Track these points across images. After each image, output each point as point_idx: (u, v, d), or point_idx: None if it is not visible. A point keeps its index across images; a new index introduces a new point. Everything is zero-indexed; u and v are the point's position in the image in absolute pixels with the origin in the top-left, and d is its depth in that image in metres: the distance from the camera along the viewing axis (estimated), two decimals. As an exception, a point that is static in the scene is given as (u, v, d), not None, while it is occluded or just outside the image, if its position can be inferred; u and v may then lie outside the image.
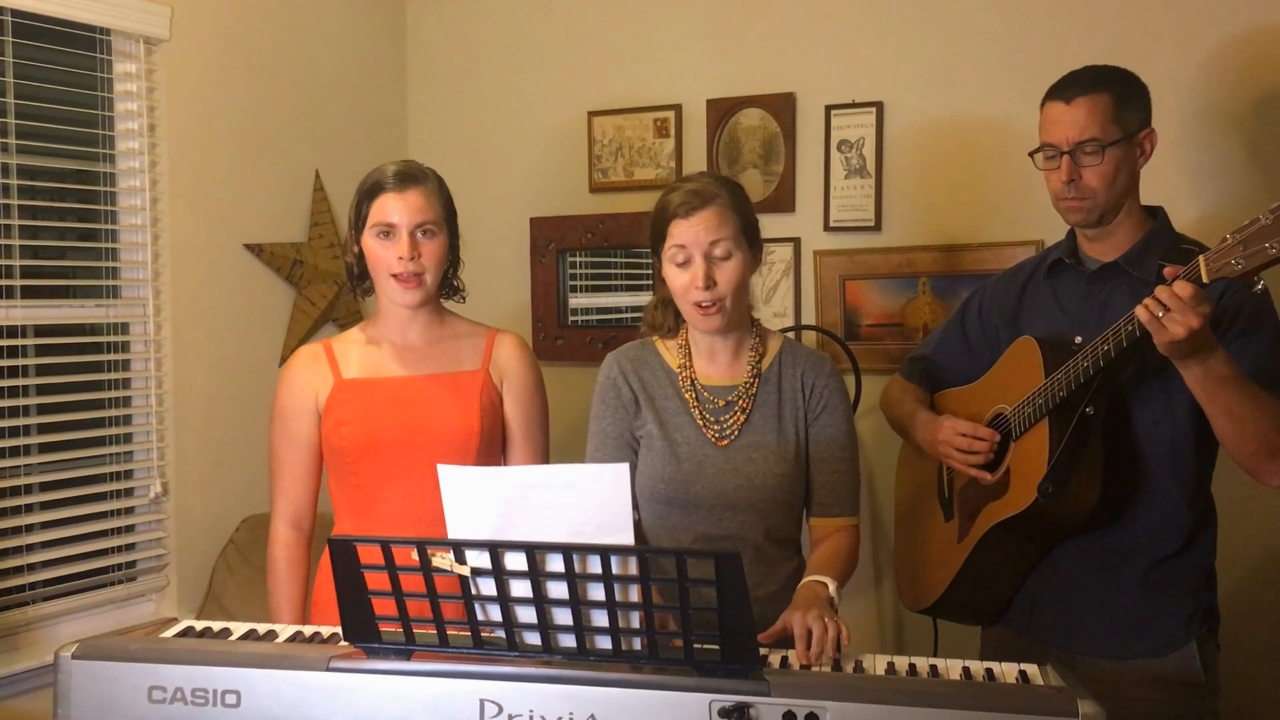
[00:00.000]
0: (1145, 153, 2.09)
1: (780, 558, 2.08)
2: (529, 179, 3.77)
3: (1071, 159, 2.05)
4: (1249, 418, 1.88)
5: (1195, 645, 2.06)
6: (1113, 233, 2.11)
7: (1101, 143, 2.03)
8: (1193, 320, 1.74)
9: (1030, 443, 2.07)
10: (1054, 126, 2.08)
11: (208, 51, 3.19)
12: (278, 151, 3.42)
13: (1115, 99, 2.04)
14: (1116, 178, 2.05)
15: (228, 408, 3.24)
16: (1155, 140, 2.10)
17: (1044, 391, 2.03)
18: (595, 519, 1.51)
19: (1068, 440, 1.98)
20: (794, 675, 1.56)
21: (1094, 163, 2.04)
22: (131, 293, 3.05)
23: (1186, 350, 1.80)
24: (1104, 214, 2.08)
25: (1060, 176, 2.07)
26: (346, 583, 1.52)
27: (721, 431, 2.06)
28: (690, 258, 1.98)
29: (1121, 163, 2.05)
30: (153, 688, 1.57)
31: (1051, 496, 1.98)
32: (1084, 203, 2.07)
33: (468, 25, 3.85)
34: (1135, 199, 2.12)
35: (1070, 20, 3.03)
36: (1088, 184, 2.05)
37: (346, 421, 2.19)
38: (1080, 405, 1.98)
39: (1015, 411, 2.12)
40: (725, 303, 2.00)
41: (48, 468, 2.87)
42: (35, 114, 2.82)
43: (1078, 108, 2.04)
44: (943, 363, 2.43)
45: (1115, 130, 2.04)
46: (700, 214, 1.97)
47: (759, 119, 3.41)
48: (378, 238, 2.16)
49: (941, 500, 2.37)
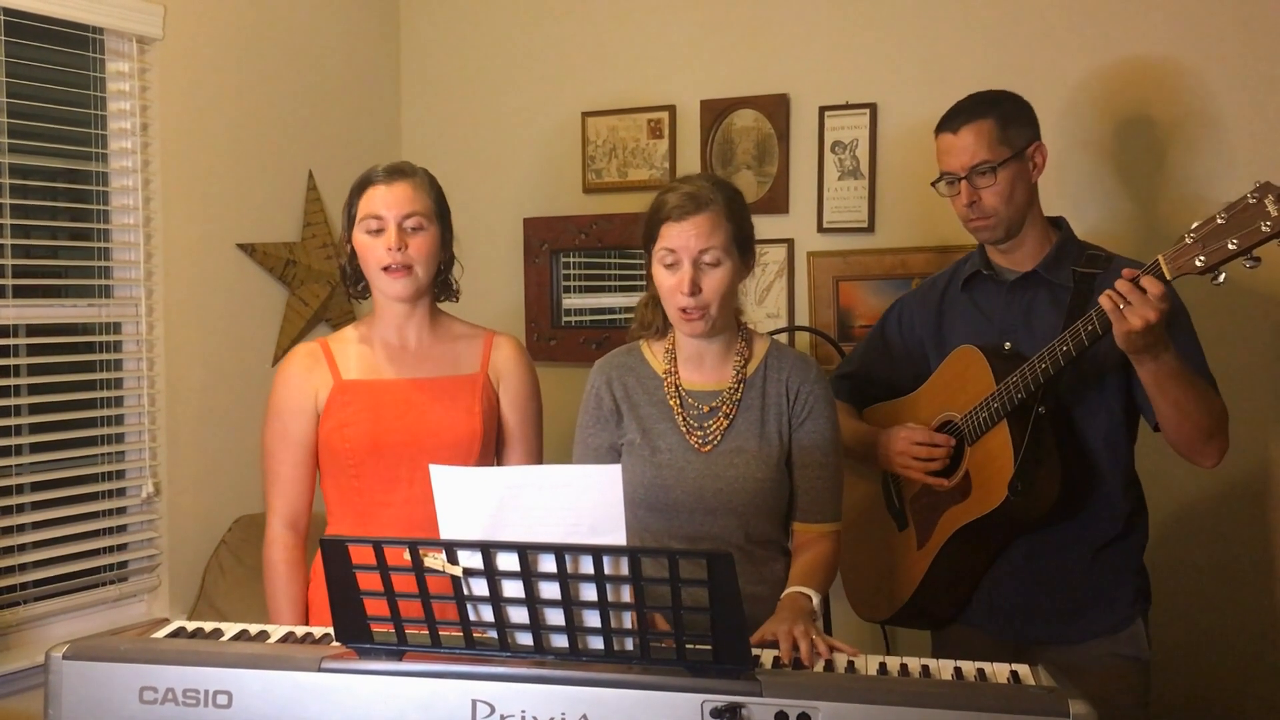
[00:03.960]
0: (1038, 165, 2.22)
1: (764, 558, 2.08)
2: (523, 179, 3.77)
3: (968, 183, 2.19)
4: (1192, 407, 2.02)
5: (1141, 622, 2.22)
6: (1022, 244, 2.25)
7: (992, 163, 2.17)
8: (1150, 314, 1.85)
9: (991, 445, 2.16)
10: (946, 156, 2.23)
11: (201, 51, 3.19)
12: (271, 151, 3.42)
13: (998, 121, 2.18)
14: (1013, 194, 2.19)
15: (220, 408, 3.24)
16: (1045, 153, 2.24)
17: (999, 396, 2.12)
18: (588, 520, 1.51)
19: (1029, 439, 2.09)
20: (786, 675, 1.56)
21: (988, 183, 2.18)
22: (124, 292, 3.04)
23: (1141, 344, 1.91)
24: (1009, 228, 2.22)
25: (961, 201, 2.21)
26: (338, 583, 1.52)
27: (704, 437, 2.06)
28: (679, 261, 1.98)
29: (1015, 179, 2.18)
30: (144, 688, 1.57)
31: (1021, 493, 2.08)
32: (988, 220, 2.20)
33: (462, 25, 3.85)
34: (1037, 211, 2.26)
35: (1063, 22, 3.04)
36: (987, 203, 2.19)
37: (349, 423, 2.17)
38: (1033, 406, 2.10)
39: (967, 418, 2.21)
40: (710, 310, 1.99)
41: (39, 467, 2.86)
42: (28, 113, 2.82)
43: (964, 135, 2.19)
44: (869, 377, 2.52)
45: (1003, 150, 2.18)
46: (693, 220, 1.97)
47: (753, 120, 3.41)
48: (367, 232, 2.16)
49: (892, 511, 2.44)
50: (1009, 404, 2.10)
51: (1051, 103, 2.80)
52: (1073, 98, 3.00)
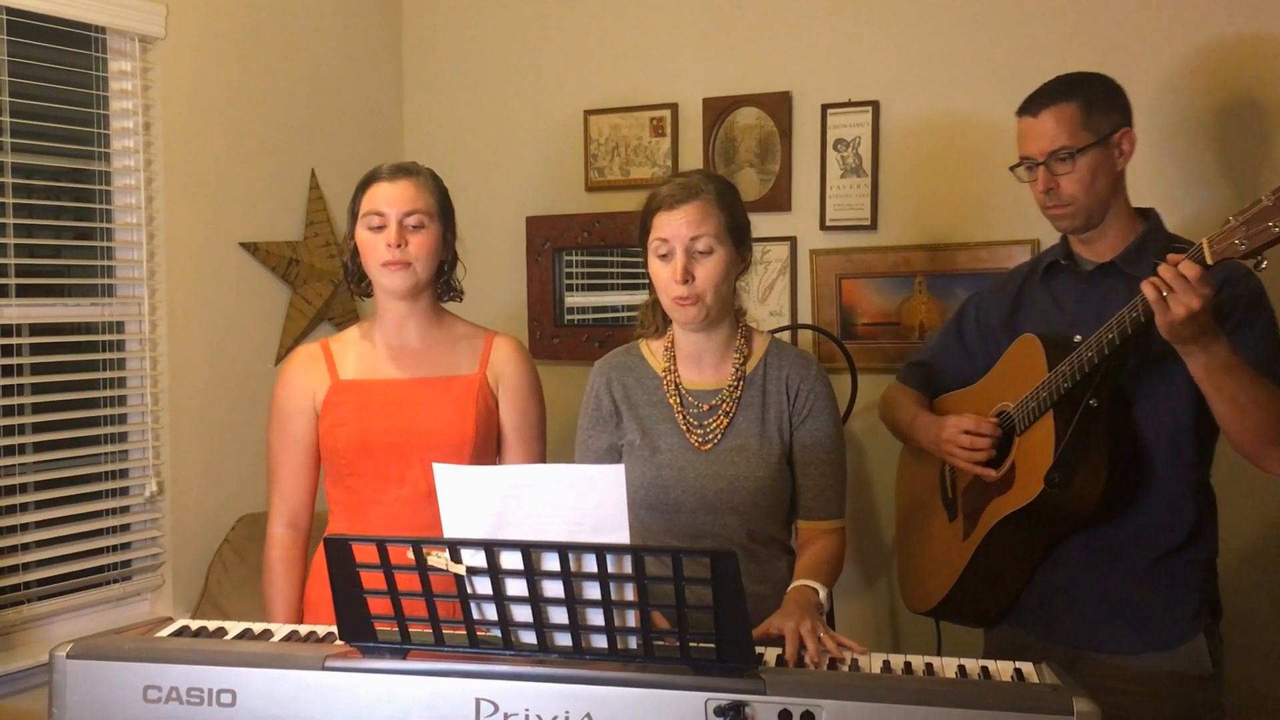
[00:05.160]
0: (1125, 153, 2.12)
1: (767, 556, 2.08)
2: (525, 178, 3.76)
3: (1046, 169, 2.10)
4: (1251, 405, 1.90)
5: (1203, 638, 2.07)
6: (1104, 234, 2.15)
7: (1071, 150, 2.07)
8: (1193, 301, 1.76)
9: (1035, 435, 2.08)
10: (1026, 140, 2.14)
11: (203, 50, 3.19)
12: (273, 150, 3.42)
13: (1083, 105, 2.08)
14: (1094, 182, 2.08)
15: (223, 407, 3.24)
16: (1134, 140, 2.12)
17: (1048, 385, 2.05)
18: (591, 518, 1.51)
19: (1073, 431, 1.99)
20: (790, 674, 1.56)
21: (1067, 170, 2.08)
22: (126, 291, 3.04)
23: (1188, 334, 1.82)
24: (1089, 217, 2.12)
25: (1039, 187, 2.12)
26: (342, 582, 1.52)
27: (705, 435, 2.06)
28: (671, 250, 1.99)
29: (1097, 167, 2.08)
30: (148, 687, 1.57)
31: (1058, 486, 1.99)
32: (1066, 209, 2.11)
33: (464, 24, 3.84)
34: (1122, 200, 2.15)
35: (1066, 19, 3.03)
36: (1065, 191, 2.09)
37: (342, 423, 2.19)
38: (1084, 397, 2.00)
39: (1019, 407, 2.13)
40: (705, 298, 1.99)
41: (43, 467, 2.86)
42: (30, 112, 2.82)
43: (1044, 120, 2.09)
44: (940, 367, 2.44)
45: (1085, 136, 2.07)
46: (684, 207, 1.98)
47: (755, 118, 3.41)
48: (369, 229, 2.17)
49: (945, 501, 2.37)
50: (1056, 393, 2.02)
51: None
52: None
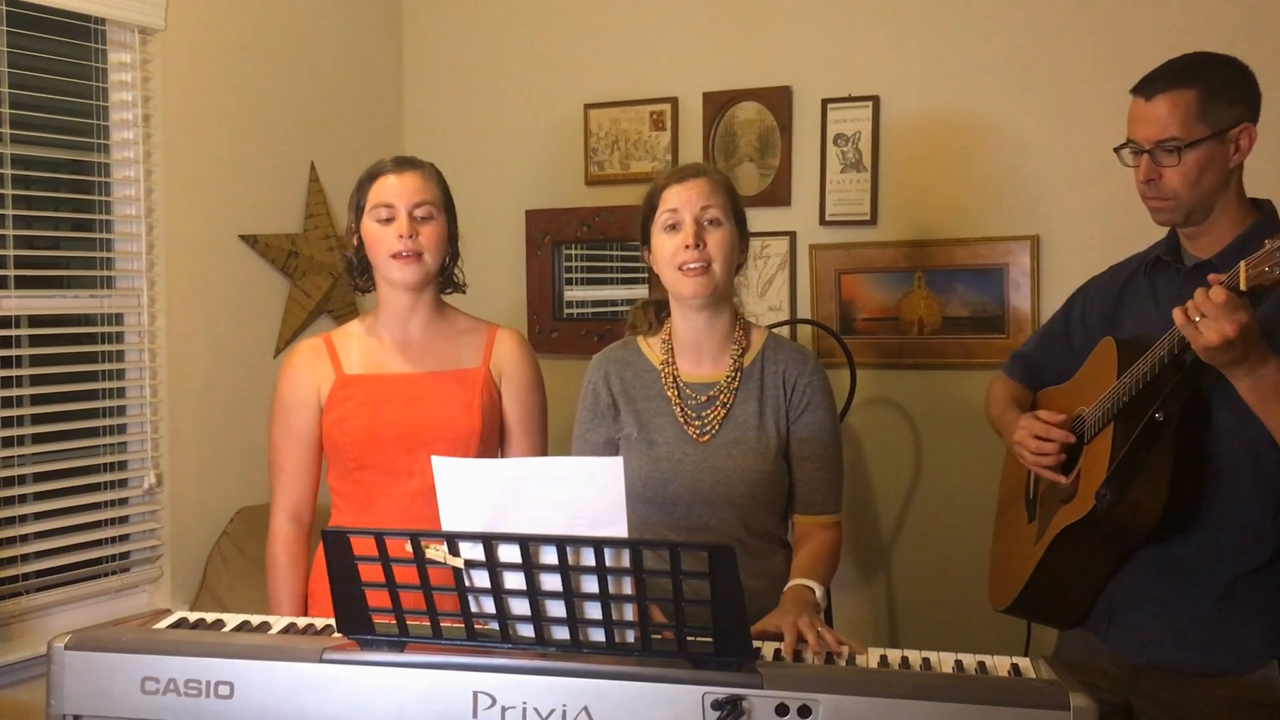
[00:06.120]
0: (1241, 149, 1.94)
1: (764, 551, 2.08)
2: (525, 171, 3.76)
3: (1151, 158, 1.94)
4: None
5: (1277, 665, 1.94)
6: (1210, 229, 1.99)
7: (1181, 142, 1.90)
8: (1227, 327, 1.67)
9: (1097, 447, 2.00)
10: (1135, 124, 1.97)
11: (203, 42, 3.18)
12: (273, 143, 3.42)
13: (1202, 94, 1.90)
14: (1201, 178, 1.92)
15: (222, 399, 3.24)
16: (1254, 136, 1.94)
17: (1113, 395, 1.96)
18: (589, 512, 1.51)
19: (1131, 446, 1.89)
20: (787, 668, 1.56)
21: (1172, 163, 1.92)
22: (126, 283, 3.04)
23: (1227, 358, 1.73)
24: (1190, 214, 1.97)
25: (1140, 176, 1.97)
26: (340, 574, 1.52)
27: (702, 428, 2.06)
28: (680, 220, 2.03)
29: (1207, 163, 1.91)
30: (146, 679, 1.57)
31: (1109, 503, 1.89)
32: (1166, 203, 1.96)
33: (464, 17, 3.84)
34: (1234, 194, 1.98)
35: (1066, 12, 3.03)
36: (1168, 184, 1.94)
37: (348, 417, 2.19)
38: (1148, 411, 1.88)
39: (1091, 413, 2.04)
40: (714, 266, 2.01)
41: (41, 458, 2.86)
42: (30, 103, 2.81)
43: (1158, 105, 1.92)
44: (1042, 360, 2.34)
45: (1200, 128, 1.90)
46: (694, 180, 2.05)
47: (755, 112, 3.40)
48: (377, 221, 2.17)
49: (1027, 501, 2.31)
50: (1119, 404, 1.92)
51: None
52: None
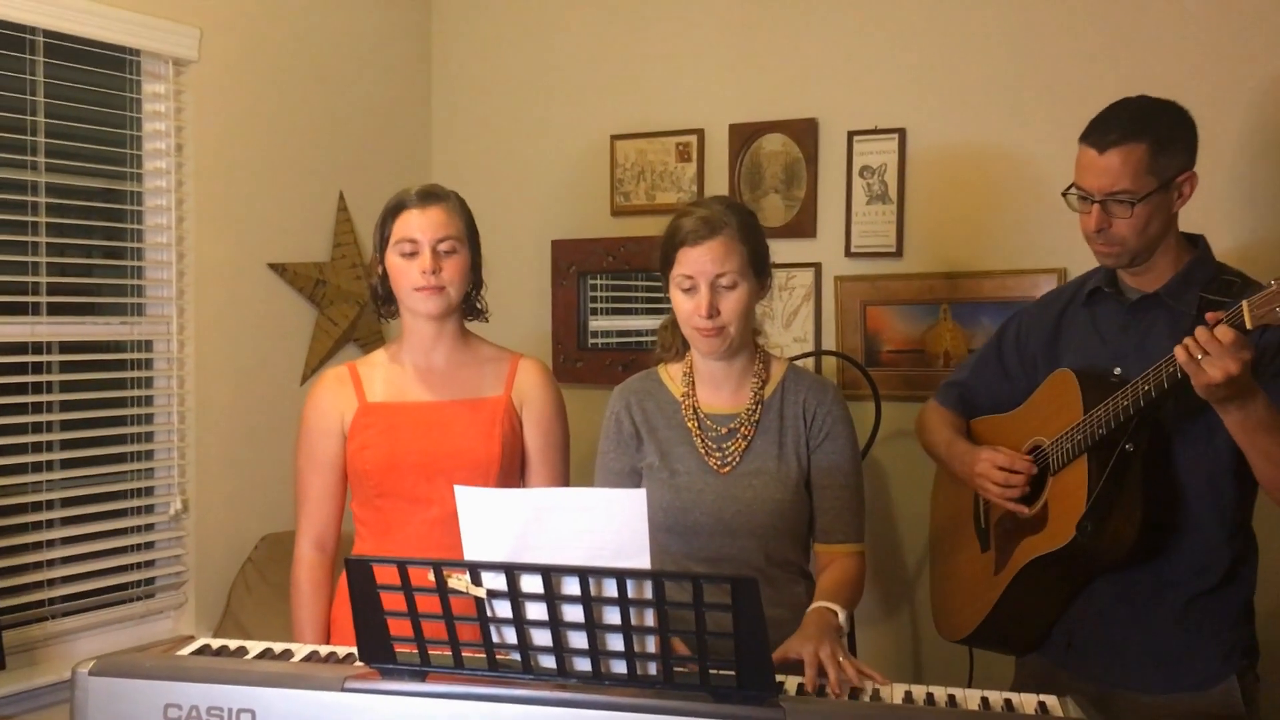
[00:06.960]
0: (1184, 195, 2.02)
1: (785, 580, 2.07)
2: (551, 201, 3.78)
3: (1103, 208, 2.00)
4: None
5: (1236, 679, 2.02)
6: (1152, 266, 2.06)
7: (1134, 196, 1.96)
8: (1231, 366, 1.71)
9: (1069, 479, 2.04)
10: (1085, 173, 2.02)
11: (235, 73, 3.23)
12: (302, 172, 3.45)
13: (1152, 147, 1.96)
14: (1148, 226, 1.99)
15: (249, 426, 3.26)
16: (1195, 182, 2.02)
17: (1083, 428, 2.00)
18: (612, 543, 1.51)
19: (1107, 478, 1.95)
20: (810, 703, 1.55)
21: (1125, 214, 1.98)
22: (156, 310, 3.07)
23: (1224, 394, 1.77)
24: (1135, 257, 2.04)
25: (1090, 225, 2.02)
26: (362, 603, 1.52)
27: (723, 459, 2.06)
28: (695, 286, 2.00)
29: (1155, 211, 1.98)
30: (169, 705, 1.57)
31: (1090, 535, 1.96)
32: (1114, 249, 2.03)
33: (492, 49, 3.88)
34: (1173, 233, 2.06)
35: (1094, 47, 3.02)
36: (1117, 233, 2.00)
37: (369, 445, 2.20)
38: (1120, 442, 1.95)
39: (1054, 446, 2.08)
40: (729, 329, 2.01)
41: (69, 484, 2.88)
42: (65, 133, 2.86)
43: (1110, 158, 1.97)
44: (978, 389, 2.38)
45: (1149, 181, 1.96)
46: (708, 244, 1.98)
47: (781, 144, 3.41)
48: (401, 255, 2.18)
49: (978, 530, 2.34)
50: (1091, 438, 1.97)
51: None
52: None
